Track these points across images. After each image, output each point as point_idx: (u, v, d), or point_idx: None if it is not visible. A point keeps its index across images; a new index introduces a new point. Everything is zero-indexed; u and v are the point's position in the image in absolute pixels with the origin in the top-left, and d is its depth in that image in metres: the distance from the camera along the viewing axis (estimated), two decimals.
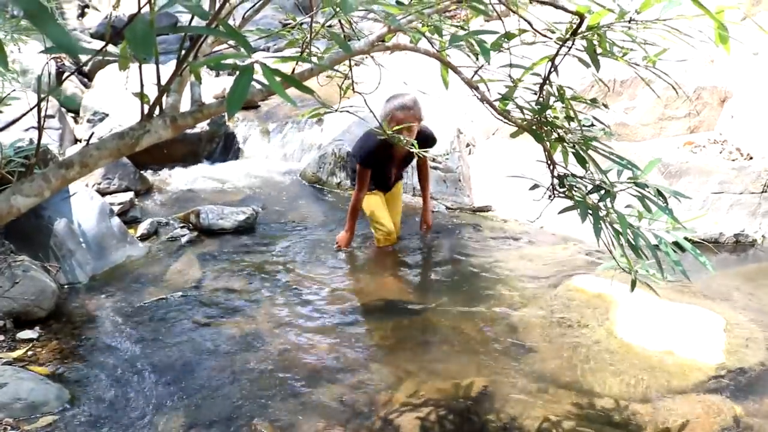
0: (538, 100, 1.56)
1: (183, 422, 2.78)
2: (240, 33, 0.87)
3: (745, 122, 5.71)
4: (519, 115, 1.60)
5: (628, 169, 1.72)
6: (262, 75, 0.87)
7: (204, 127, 6.47)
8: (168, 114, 1.17)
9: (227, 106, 0.84)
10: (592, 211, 1.67)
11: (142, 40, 0.74)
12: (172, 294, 3.91)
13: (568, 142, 1.66)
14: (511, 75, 1.58)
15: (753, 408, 3.04)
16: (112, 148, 1.15)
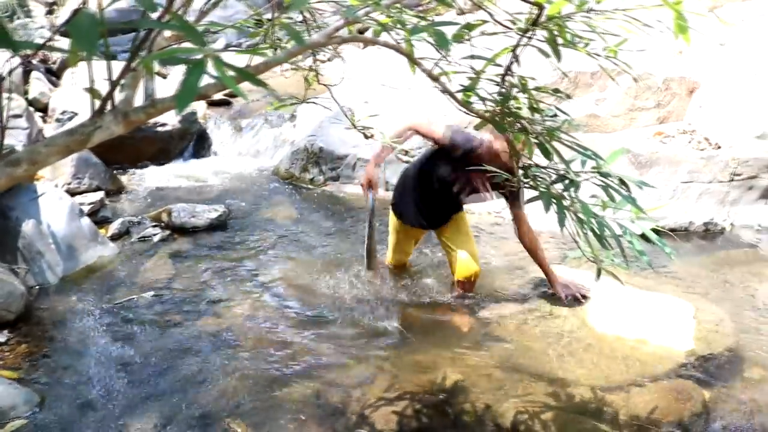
0: (500, 91, 1.56)
1: (155, 423, 2.76)
2: (192, 26, 0.86)
3: (713, 112, 5.78)
4: (482, 107, 1.60)
5: (592, 159, 1.73)
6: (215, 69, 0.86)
7: (175, 125, 6.41)
8: (120, 109, 1.16)
9: (176, 102, 0.82)
10: (556, 201, 1.67)
11: (87, 36, 0.72)
12: (144, 293, 3.87)
13: (532, 132, 1.66)
14: (473, 66, 1.58)
15: (721, 392, 3.09)
16: (62, 144, 1.12)
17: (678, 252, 4.78)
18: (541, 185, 1.75)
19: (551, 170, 1.78)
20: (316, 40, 1.19)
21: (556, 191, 1.73)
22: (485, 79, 1.64)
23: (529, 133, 1.64)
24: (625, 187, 1.77)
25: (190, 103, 0.86)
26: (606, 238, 1.76)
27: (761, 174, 5.21)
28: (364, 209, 3.93)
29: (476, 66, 1.67)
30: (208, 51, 0.85)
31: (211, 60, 0.85)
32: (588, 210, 1.64)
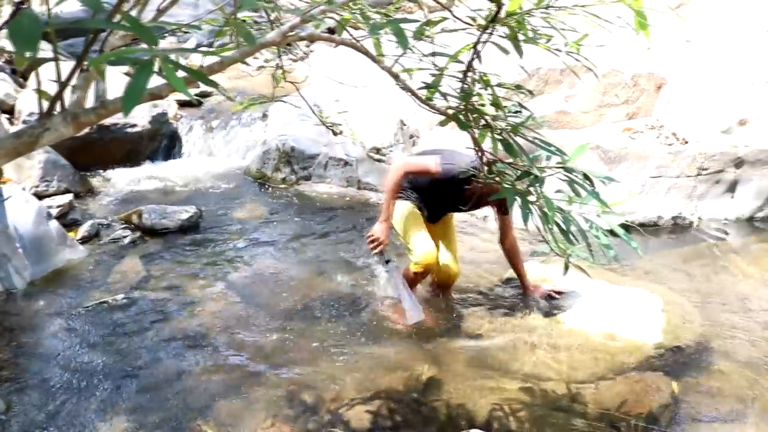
0: (462, 88, 1.56)
1: (126, 426, 2.73)
2: (143, 26, 0.85)
3: (680, 107, 5.86)
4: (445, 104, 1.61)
5: (555, 154, 1.74)
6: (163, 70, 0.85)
7: (145, 125, 6.34)
8: (69, 111, 1.14)
9: (123, 103, 0.81)
10: (520, 197, 1.68)
11: (27, 36, 0.71)
12: (114, 296, 3.83)
13: (496, 129, 1.67)
14: (435, 63, 1.58)
15: (689, 383, 3.14)
16: (9, 147, 1.10)
17: (647, 246, 4.85)
18: (506, 181, 1.76)
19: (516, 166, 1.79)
20: (271, 39, 1.18)
21: (521, 187, 1.74)
22: (449, 76, 1.64)
23: (492, 129, 1.65)
24: (589, 182, 1.79)
25: (136, 104, 0.85)
26: (572, 233, 1.78)
27: (727, 168, 5.29)
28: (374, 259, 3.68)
29: (439, 63, 1.67)
30: (157, 51, 0.84)
31: (160, 60, 0.84)
32: (551, 205, 1.65)
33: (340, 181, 5.65)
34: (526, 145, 1.76)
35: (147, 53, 0.83)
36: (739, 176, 5.34)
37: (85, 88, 1.19)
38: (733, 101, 5.67)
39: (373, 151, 5.57)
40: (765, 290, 4.21)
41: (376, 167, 5.59)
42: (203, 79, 0.94)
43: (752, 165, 5.30)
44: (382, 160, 5.56)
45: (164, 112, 6.62)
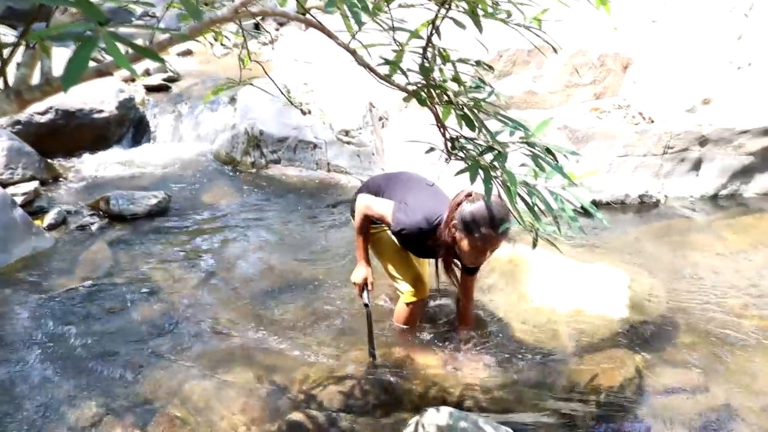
0: (421, 64, 1.57)
1: (95, 412, 2.73)
2: (89, 2, 0.84)
3: (646, 87, 5.92)
4: (405, 80, 1.61)
5: (518, 129, 1.75)
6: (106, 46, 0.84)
7: (112, 111, 6.26)
8: (12, 88, 1.12)
9: (62, 80, 0.80)
10: (483, 171, 1.69)
11: None
12: (83, 284, 3.79)
13: (458, 104, 1.68)
14: (395, 38, 1.59)
15: (653, 357, 3.20)
16: None
17: (615, 224, 4.91)
18: (469, 157, 1.76)
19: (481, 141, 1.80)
20: (222, 16, 1.17)
21: (484, 162, 1.75)
22: (410, 52, 1.64)
23: (455, 105, 1.66)
24: (551, 157, 1.80)
25: (77, 82, 0.84)
26: (537, 206, 1.78)
27: (692, 147, 5.37)
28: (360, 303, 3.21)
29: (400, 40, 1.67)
30: (99, 28, 0.83)
31: (103, 36, 0.83)
32: (513, 178, 1.66)
33: (309, 164, 5.63)
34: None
35: (90, 29, 0.82)
36: (704, 154, 5.42)
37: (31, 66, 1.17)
38: (697, 81, 5.74)
39: (342, 133, 5.55)
40: (728, 265, 4.29)
41: (346, 150, 5.58)
42: (149, 55, 0.93)
43: (716, 143, 5.38)
44: (351, 142, 5.54)
45: (131, 98, 6.54)
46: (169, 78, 7.51)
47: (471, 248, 2.74)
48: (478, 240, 2.69)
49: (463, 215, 2.71)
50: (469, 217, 2.69)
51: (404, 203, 2.96)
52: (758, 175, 5.54)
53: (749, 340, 3.38)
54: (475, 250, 2.75)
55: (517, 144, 1.78)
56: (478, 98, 1.73)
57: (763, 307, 3.73)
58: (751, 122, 5.37)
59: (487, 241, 2.70)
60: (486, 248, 2.75)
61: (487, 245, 2.73)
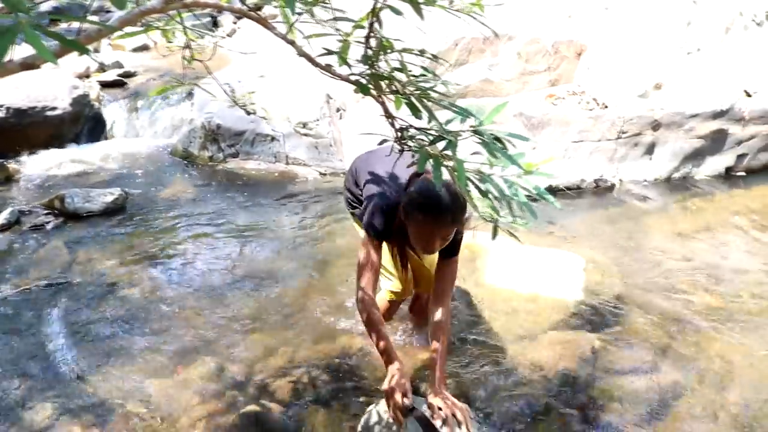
0: (365, 53, 1.58)
1: (50, 414, 2.69)
2: None
3: (600, 73, 6.01)
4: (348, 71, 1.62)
5: (466, 116, 1.77)
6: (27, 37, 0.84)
7: (66, 108, 6.16)
8: None
9: None
10: (433, 159, 1.71)
11: None
12: (37, 283, 3.74)
13: (405, 94, 1.69)
14: (338, 29, 1.60)
15: (608, 337, 3.27)
16: None
17: (571, 209, 5.00)
18: (419, 146, 1.78)
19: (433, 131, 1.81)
20: (152, 6, 1.17)
21: (435, 151, 1.76)
22: (355, 42, 1.65)
23: (401, 94, 1.67)
24: (500, 144, 1.81)
25: None
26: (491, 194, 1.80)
27: (645, 131, 5.47)
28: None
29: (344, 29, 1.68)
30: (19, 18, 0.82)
31: (24, 27, 0.83)
32: (461, 166, 1.68)
33: (268, 157, 5.61)
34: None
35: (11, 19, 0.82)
36: (657, 138, 5.52)
37: None
38: (648, 66, 5.85)
39: (300, 125, 5.54)
40: (681, 247, 4.39)
41: (304, 142, 5.58)
42: (75, 47, 0.93)
43: (668, 127, 5.49)
44: (308, 134, 5.54)
45: (86, 94, 6.44)
46: (125, 73, 7.41)
47: (415, 233, 2.44)
48: (420, 224, 2.39)
49: (408, 196, 2.44)
50: (411, 199, 2.41)
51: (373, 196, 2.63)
52: (709, 157, 5.67)
53: (699, 320, 3.47)
54: (419, 236, 2.43)
55: (468, 132, 1.80)
56: (425, 87, 1.74)
57: (714, 287, 3.84)
58: (701, 106, 5.49)
59: (428, 227, 2.38)
60: (432, 235, 2.40)
61: (432, 232, 2.39)
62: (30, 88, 6.00)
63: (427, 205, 2.36)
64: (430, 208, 2.35)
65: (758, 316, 3.51)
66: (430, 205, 2.35)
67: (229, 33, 9.74)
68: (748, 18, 5.90)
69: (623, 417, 2.75)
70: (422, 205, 2.37)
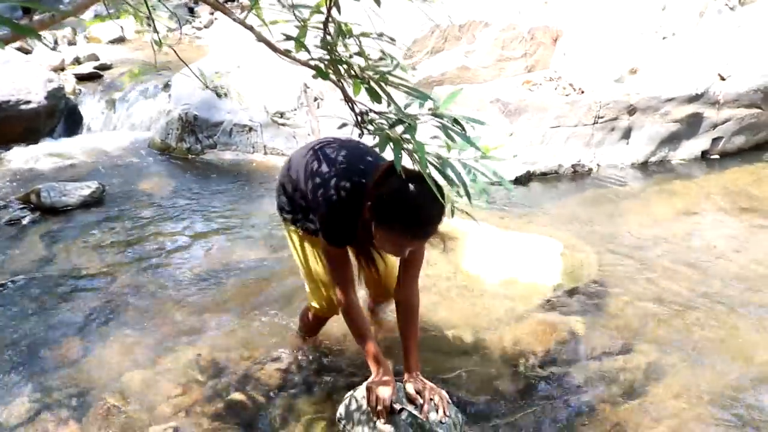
0: (324, 38, 1.59)
1: (29, 407, 2.69)
2: None
3: (576, 59, 6.04)
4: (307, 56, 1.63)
5: (424, 100, 1.78)
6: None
7: (41, 101, 6.10)
8: None
9: None
10: (393, 143, 1.72)
11: None
12: (14, 278, 3.72)
13: (364, 78, 1.69)
14: (296, 14, 1.60)
15: (586, 321, 3.31)
16: None
17: (549, 194, 5.04)
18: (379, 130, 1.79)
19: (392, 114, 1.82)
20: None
21: (394, 134, 1.77)
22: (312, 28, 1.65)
23: (360, 78, 1.68)
24: (459, 127, 1.82)
25: None
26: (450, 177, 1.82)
27: (621, 116, 5.51)
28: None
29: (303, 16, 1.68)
30: None
31: None
32: (422, 148, 1.69)
33: (246, 148, 5.61)
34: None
35: None
36: (633, 123, 5.56)
37: None
38: (624, 51, 5.89)
39: (277, 115, 5.54)
40: (658, 230, 4.43)
41: (282, 131, 5.57)
42: (26, 32, 0.92)
43: (644, 112, 5.53)
44: (286, 124, 5.53)
45: (61, 87, 6.38)
46: (101, 66, 7.35)
47: (387, 240, 2.15)
48: (396, 235, 2.09)
49: (382, 200, 2.07)
50: (386, 204, 2.06)
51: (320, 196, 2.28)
52: (685, 141, 5.73)
53: (676, 303, 3.50)
54: (392, 244, 2.16)
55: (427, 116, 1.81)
56: (384, 71, 1.75)
57: (691, 269, 3.88)
58: (677, 90, 5.54)
59: (405, 238, 2.11)
60: (409, 244, 2.15)
61: (411, 242, 2.14)
62: (3, 81, 5.94)
63: (407, 218, 2.04)
64: (411, 222, 2.05)
65: (735, 298, 3.56)
66: (410, 217, 2.04)
67: (206, 24, 9.68)
68: (722, 2, 5.95)
69: (601, 398, 2.78)
70: (401, 216, 2.04)
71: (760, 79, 5.62)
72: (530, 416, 2.66)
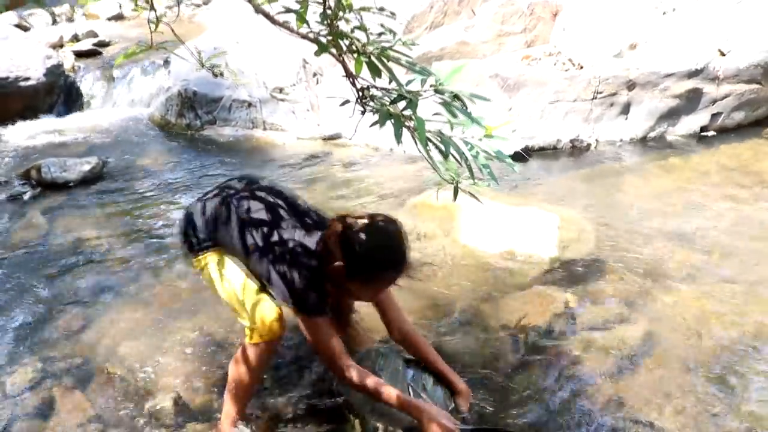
0: (323, 12, 1.60)
1: (32, 377, 2.73)
2: None
3: (575, 34, 6.02)
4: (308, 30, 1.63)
5: (426, 76, 1.79)
6: None
7: (40, 78, 6.11)
8: None
9: None
10: (393, 118, 1.73)
11: None
12: (16, 252, 3.75)
13: (365, 53, 1.70)
14: None
15: (581, 292, 3.33)
16: None
17: (547, 169, 5.05)
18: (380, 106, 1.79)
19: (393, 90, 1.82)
20: None
21: (395, 110, 1.78)
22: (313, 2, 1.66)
23: (360, 53, 1.68)
24: (460, 102, 1.83)
25: None
26: (452, 154, 1.83)
27: (620, 91, 5.51)
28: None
29: None
30: None
31: None
32: (422, 125, 1.70)
33: (245, 123, 5.62)
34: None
35: None
36: (632, 98, 5.56)
37: None
38: (624, 26, 5.86)
39: (276, 91, 5.54)
40: (655, 205, 4.45)
41: (281, 107, 5.58)
42: None
43: (643, 87, 5.53)
44: (285, 99, 5.54)
45: (59, 63, 6.39)
46: (100, 43, 7.35)
47: (370, 289, 2.23)
48: (381, 280, 2.18)
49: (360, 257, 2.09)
50: (368, 259, 2.09)
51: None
52: (684, 116, 5.73)
53: (673, 275, 3.52)
54: (376, 289, 2.26)
55: (428, 92, 1.81)
56: (385, 46, 1.75)
57: (687, 244, 3.89)
58: (676, 65, 5.53)
59: (390, 279, 2.18)
60: (391, 283, 2.22)
61: (394, 281, 2.20)
62: (1, 58, 5.94)
63: (389, 263, 2.13)
64: (395, 264, 2.13)
65: (731, 271, 3.58)
66: (392, 260, 2.13)
67: (204, 1, 9.64)
68: None
69: (597, 368, 2.80)
70: (384, 264, 2.12)
71: (760, 54, 5.61)
72: (527, 387, 2.69)
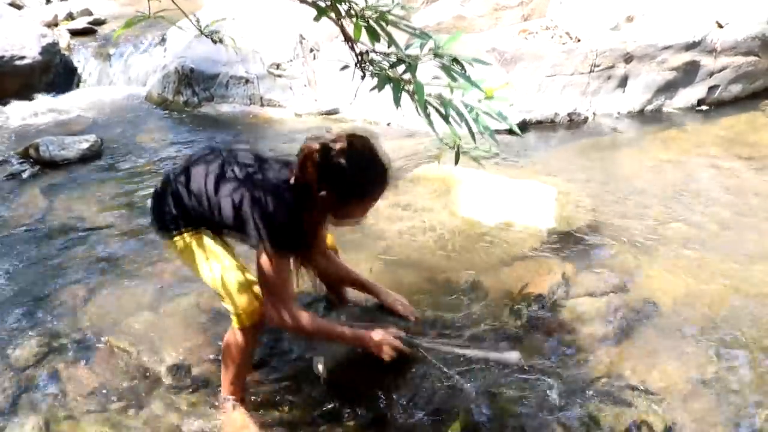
0: None
1: (36, 351, 2.76)
2: None
3: (572, 7, 5.99)
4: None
5: (425, 40, 1.78)
6: None
7: (36, 57, 6.09)
8: None
9: None
10: (392, 82, 1.73)
11: None
12: (16, 230, 3.77)
13: (363, 17, 1.70)
14: None
15: (579, 263, 3.36)
16: None
17: (545, 142, 5.06)
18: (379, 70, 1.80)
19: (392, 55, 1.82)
20: None
21: (394, 74, 1.78)
22: None
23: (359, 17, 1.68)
24: (459, 66, 1.83)
25: None
26: (451, 117, 1.83)
27: (617, 64, 5.50)
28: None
29: None
30: None
31: None
32: (421, 88, 1.70)
33: (242, 100, 5.62)
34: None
35: None
36: (629, 71, 5.56)
37: None
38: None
39: (273, 66, 5.53)
40: (653, 177, 4.46)
41: (278, 83, 5.57)
42: None
43: (640, 60, 5.52)
44: (282, 75, 5.53)
45: (55, 42, 6.36)
46: (95, 21, 7.31)
47: (357, 210, 2.19)
48: (369, 199, 2.15)
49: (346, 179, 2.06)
50: (352, 178, 2.06)
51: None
52: (681, 89, 5.72)
53: (669, 246, 3.54)
54: (364, 209, 2.20)
55: (428, 56, 1.81)
56: (383, 10, 1.75)
57: (684, 215, 3.90)
58: (673, 38, 5.51)
59: (377, 196, 2.16)
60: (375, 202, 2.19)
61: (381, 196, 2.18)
62: None
63: (375, 178, 2.12)
64: (380, 178, 2.13)
65: (729, 241, 3.61)
66: (377, 175, 2.12)
67: None
68: None
69: (596, 337, 2.82)
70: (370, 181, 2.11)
71: (758, 26, 5.59)
72: (525, 356, 2.71)
